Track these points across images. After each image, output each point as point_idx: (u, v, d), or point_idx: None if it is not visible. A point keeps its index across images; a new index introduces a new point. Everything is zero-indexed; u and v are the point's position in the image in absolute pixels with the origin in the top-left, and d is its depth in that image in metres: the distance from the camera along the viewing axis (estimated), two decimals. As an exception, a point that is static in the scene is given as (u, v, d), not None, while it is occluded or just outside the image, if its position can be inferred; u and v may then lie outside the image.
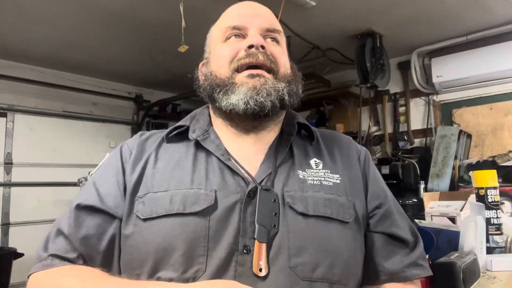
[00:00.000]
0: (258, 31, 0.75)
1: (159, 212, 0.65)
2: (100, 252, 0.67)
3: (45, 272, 0.65)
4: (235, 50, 0.74)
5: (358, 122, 3.51)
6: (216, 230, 0.63)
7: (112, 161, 0.76)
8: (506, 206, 1.48)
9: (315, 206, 0.67)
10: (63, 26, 2.66)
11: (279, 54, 0.76)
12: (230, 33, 0.76)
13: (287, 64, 0.78)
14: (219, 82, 0.73)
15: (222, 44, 0.77)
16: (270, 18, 0.79)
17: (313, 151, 0.77)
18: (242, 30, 0.76)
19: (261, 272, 0.60)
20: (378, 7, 2.51)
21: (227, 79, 0.73)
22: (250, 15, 0.77)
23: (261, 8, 0.80)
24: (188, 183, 0.68)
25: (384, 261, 0.70)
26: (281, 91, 0.72)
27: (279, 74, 0.74)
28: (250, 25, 0.75)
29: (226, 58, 0.74)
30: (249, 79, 0.71)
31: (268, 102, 0.70)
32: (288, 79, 0.75)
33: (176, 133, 0.78)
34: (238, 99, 0.70)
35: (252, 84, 0.70)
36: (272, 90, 0.71)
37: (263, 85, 0.70)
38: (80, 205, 0.70)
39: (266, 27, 0.76)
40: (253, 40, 0.73)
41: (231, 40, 0.76)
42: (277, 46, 0.77)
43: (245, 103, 0.69)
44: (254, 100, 0.69)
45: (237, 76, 0.72)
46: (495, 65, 2.83)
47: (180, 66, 3.40)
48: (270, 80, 0.72)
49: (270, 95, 0.70)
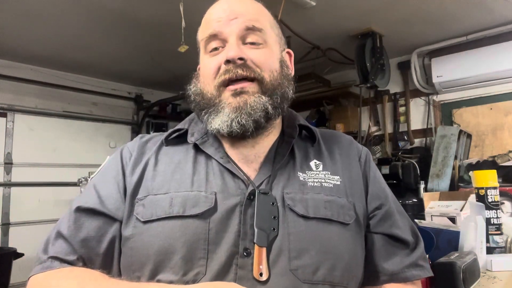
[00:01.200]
0: (237, 36, 0.71)
1: (159, 215, 0.65)
2: (100, 254, 0.67)
3: (45, 274, 0.65)
4: (216, 65, 0.71)
5: (358, 122, 3.51)
6: (216, 232, 0.63)
7: (112, 164, 0.76)
8: (506, 206, 1.48)
9: (315, 208, 0.67)
10: (63, 26, 2.66)
11: (262, 59, 0.71)
12: (210, 44, 0.73)
13: (272, 65, 0.73)
14: (206, 102, 0.72)
15: (205, 57, 0.75)
16: (250, 14, 0.73)
17: (313, 153, 0.76)
18: (219, 36, 0.72)
19: (262, 277, 0.60)
20: (378, 7, 2.51)
21: (213, 98, 0.71)
22: (226, 17, 0.72)
23: (239, 4, 0.74)
24: (188, 186, 0.68)
25: (384, 262, 0.70)
26: (264, 107, 0.69)
27: (264, 80, 0.71)
28: (227, 30, 0.71)
29: (210, 75, 0.72)
30: (232, 98, 0.69)
31: (250, 122, 0.68)
32: (274, 83, 0.72)
33: (176, 136, 0.77)
34: (221, 122, 0.69)
35: (234, 105, 0.68)
36: (252, 110, 0.68)
37: (244, 106, 0.68)
38: (80, 207, 0.70)
39: (244, 27, 0.71)
40: (228, 54, 0.69)
41: (212, 52, 0.73)
42: (260, 49, 0.72)
43: (227, 126, 0.68)
44: (237, 122, 0.68)
45: (222, 94, 0.70)
46: (495, 65, 2.83)
47: (180, 66, 3.40)
48: (251, 97, 0.69)
49: (251, 115, 0.68)
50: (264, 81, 0.71)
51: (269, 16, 0.77)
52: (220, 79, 0.70)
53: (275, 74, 0.73)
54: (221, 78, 0.70)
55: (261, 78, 0.70)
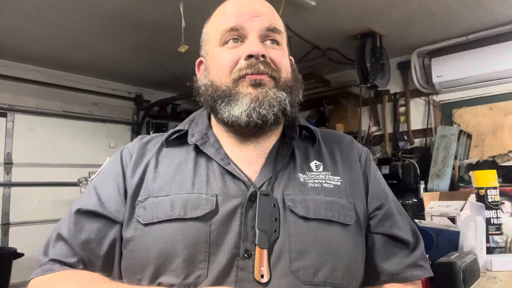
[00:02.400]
0: (258, 34, 0.71)
1: (160, 217, 0.65)
2: (101, 256, 0.67)
3: (45, 277, 0.64)
4: (234, 58, 0.70)
5: (358, 122, 3.52)
6: (217, 235, 0.63)
7: (112, 165, 0.76)
8: (506, 206, 1.48)
9: (316, 209, 0.66)
10: (63, 26, 2.66)
11: (280, 59, 0.72)
12: (228, 37, 0.72)
13: (288, 67, 0.74)
14: (221, 94, 0.71)
15: (220, 49, 0.73)
16: (270, 15, 0.74)
17: (313, 153, 0.76)
18: (240, 31, 0.71)
19: (263, 278, 0.60)
20: (378, 7, 2.51)
21: (229, 90, 0.70)
22: (248, 13, 0.72)
23: (261, 4, 0.75)
24: (189, 188, 0.68)
25: (384, 262, 0.70)
26: (283, 102, 0.70)
27: (280, 80, 0.71)
28: (249, 26, 0.71)
29: (226, 68, 0.70)
30: (252, 88, 0.68)
31: (271, 114, 0.68)
32: (289, 84, 0.72)
33: (176, 137, 0.77)
34: (241, 111, 0.68)
35: (255, 95, 0.68)
36: (274, 101, 0.68)
37: (265, 97, 0.68)
38: (80, 209, 0.69)
39: (266, 26, 0.71)
40: (252, 49, 0.69)
41: (229, 45, 0.72)
42: (278, 49, 0.73)
43: (247, 115, 0.67)
44: (257, 112, 0.67)
45: (240, 84, 0.69)
46: (495, 65, 2.84)
47: (180, 66, 3.40)
48: (272, 90, 0.69)
49: (273, 107, 0.68)
50: (281, 80, 0.71)
51: (281, 21, 0.78)
52: (241, 73, 0.69)
53: (289, 76, 0.74)
54: (242, 72, 0.69)
55: (279, 77, 0.71)
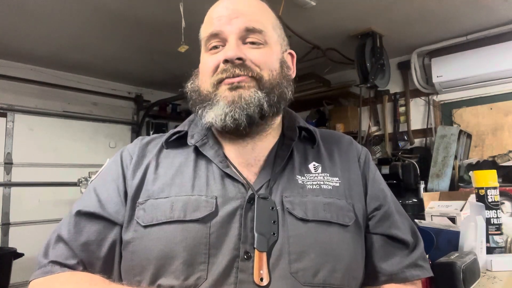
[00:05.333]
0: (237, 36, 0.70)
1: (160, 219, 0.65)
2: (101, 258, 0.67)
3: (45, 278, 0.64)
4: (215, 63, 0.71)
5: (358, 122, 3.52)
6: (217, 236, 0.63)
7: (113, 167, 0.76)
8: (506, 206, 1.48)
9: (314, 211, 0.66)
10: (63, 26, 2.66)
11: (261, 58, 0.71)
12: (210, 43, 0.73)
13: (272, 65, 0.73)
14: (202, 98, 0.72)
15: (205, 55, 0.74)
16: (251, 14, 0.73)
17: (312, 155, 0.76)
18: (220, 36, 0.71)
19: (262, 282, 0.60)
20: (378, 7, 2.51)
21: (209, 94, 0.71)
22: (227, 16, 0.71)
23: (241, 3, 0.74)
24: (189, 190, 0.68)
25: (383, 262, 0.70)
26: (259, 103, 0.68)
27: (262, 78, 0.70)
28: (227, 29, 0.71)
29: (207, 73, 0.72)
30: (228, 92, 0.69)
31: (243, 117, 0.67)
32: (273, 82, 0.71)
33: (176, 138, 0.77)
34: (214, 116, 0.69)
35: (230, 98, 0.68)
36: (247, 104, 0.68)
37: (239, 100, 0.68)
38: (80, 211, 0.69)
39: (244, 27, 0.71)
40: (227, 54, 0.69)
41: (212, 50, 0.73)
42: (259, 49, 0.72)
43: (221, 120, 0.68)
44: (230, 116, 0.67)
45: (219, 88, 0.70)
46: (495, 65, 2.83)
47: (180, 66, 3.40)
48: (249, 90, 0.69)
49: (244, 109, 0.67)
50: (263, 79, 0.70)
51: (272, 17, 0.77)
52: (217, 77, 0.70)
53: (274, 74, 0.72)
54: (218, 77, 0.70)
55: (260, 77, 0.70)
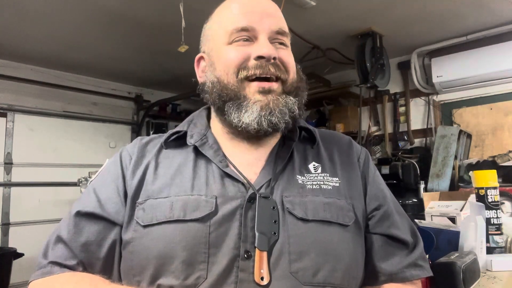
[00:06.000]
0: (267, 35, 0.71)
1: (160, 219, 0.65)
2: (100, 258, 0.67)
3: (44, 279, 0.64)
4: (243, 56, 0.70)
5: (358, 122, 3.52)
6: (216, 236, 0.63)
7: (112, 167, 0.76)
8: (506, 206, 1.48)
9: (314, 211, 0.66)
10: (63, 26, 2.66)
11: (289, 61, 0.73)
12: (237, 36, 0.71)
13: (294, 68, 0.75)
14: (230, 93, 0.70)
15: (228, 47, 0.72)
16: (279, 18, 0.75)
17: (312, 155, 0.76)
18: (251, 32, 0.71)
19: (263, 281, 0.60)
20: (378, 7, 2.51)
21: (237, 89, 0.70)
22: (258, 14, 0.72)
23: (269, 5, 0.75)
24: (188, 190, 0.68)
25: (383, 262, 0.70)
26: (293, 108, 0.70)
27: (288, 81, 0.72)
28: (259, 27, 0.70)
29: (234, 65, 0.70)
30: (261, 96, 0.69)
31: (282, 122, 0.69)
32: (295, 85, 0.73)
33: (175, 138, 0.77)
34: (251, 119, 0.68)
35: (265, 103, 0.68)
36: (285, 108, 0.69)
37: (276, 105, 0.68)
38: (80, 212, 0.69)
39: (276, 29, 0.72)
40: (264, 50, 0.69)
41: (239, 43, 0.71)
42: (286, 51, 0.74)
43: (258, 123, 0.68)
44: (268, 121, 0.68)
45: (247, 88, 0.69)
46: (495, 65, 2.83)
47: (180, 66, 3.40)
48: (281, 96, 0.70)
49: (285, 114, 0.69)
50: (288, 81, 0.72)
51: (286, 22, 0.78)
52: (250, 73, 0.69)
53: (296, 77, 0.75)
54: (250, 72, 0.69)
55: (286, 79, 0.72)
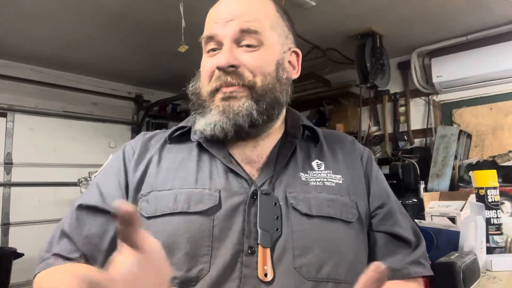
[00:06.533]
0: (231, 39, 0.70)
1: (164, 211, 0.66)
2: (103, 251, 0.67)
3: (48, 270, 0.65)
4: (211, 67, 0.71)
5: (358, 122, 3.52)
6: (220, 230, 0.63)
7: (115, 161, 0.77)
8: (506, 206, 1.48)
9: (318, 207, 0.67)
10: (63, 26, 2.66)
11: (255, 63, 0.70)
12: (208, 45, 0.73)
13: (266, 69, 0.71)
14: (200, 103, 0.73)
15: (204, 57, 0.75)
16: (247, 15, 0.71)
17: (315, 153, 0.77)
18: (216, 39, 0.71)
19: (267, 277, 0.60)
20: (378, 7, 2.51)
21: (206, 100, 0.72)
22: (223, 19, 0.71)
23: (237, 4, 0.73)
24: (192, 183, 0.69)
25: (386, 259, 0.70)
26: (247, 112, 0.69)
27: (255, 85, 0.70)
28: (222, 33, 0.70)
29: (205, 76, 0.73)
30: (220, 101, 0.70)
31: (229, 127, 0.69)
32: (266, 88, 0.71)
33: (179, 134, 0.78)
34: (205, 124, 0.70)
35: (221, 108, 0.69)
36: (237, 113, 0.68)
37: (228, 110, 0.69)
38: (82, 205, 0.70)
39: (239, 29, 0.70)
40: (219, 61, 0.69)
41: (209, 53, 0.73)
42: (254, 52, 0.70)
43: (211, 129, 0.69)
44: (219, 126, 0.69)
45: (216, 96, 0.71)
46: (495, 65, 2.83)
47: (180, 66, 3.40)
48: (240, 101, 0.69)
49: (232, 119, 0.68)
50: (256, 86, 0.70)
51: (272, 15, 0.75)
52: (213, 86, 0.71)
53: (268, 79, 0.71)
54: (213, 85, 0.71)
55: (252, 85, 0.70)
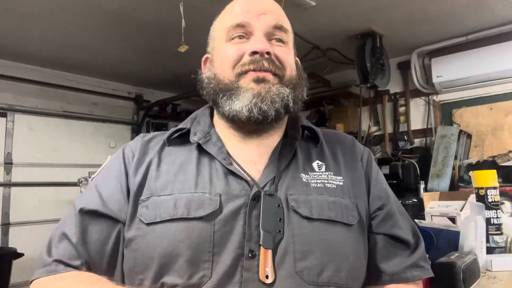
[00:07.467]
0: (264, 31, 0.72)
1: (163, 217, 0.64)
2: (105, 257, 0.66)
3: (49, 278, 0.64)
4: (239, 53, 0.71)
5: (358, 122, 3.52)
6: (221, 234, 0.62)
7: (115, 163, 0.75)
8: (506, 206, 1.48)
9: (319, 210, 0.66)
10: (63, 26, 2.66)
11: (285, 56, 0.73)
12: (234, 33, 0.73)
13: (293, 65, 0.75)
14: (223, 87, 0.72)
15: (226, 45, 0.74)
16: (277, 14, 0.75)
17: (315, 154, 0.76)
18: (247, 28, 0.72)
19: (268, 279, 0.59)
20: (378, 7, 2.51)
21: (231, 83, 0.71)
22: (255, 11, 0.73)
23: (268, 2, 0.76)
24: (192, 187, 0.67)
25: (385, 262, 0.70)
26: (286, 98, 0.70)
27: (284, 77, 0.72)
28: (255, 23, 0.72)
29: (230, 62, 0.72)
30: (254, 84, 0.69)
31: (272, 110, 0.68)
32: (293, 82, 0.73)
33: (178, 135, 0.77)
34: (241, 106, 0.68)
35: (257, 90, 0.68)
36: (276, 97, 0.69)
37: (267, 92, 0.68)
38: (83, 209, 0.68)
39: (273, 24, 0.72)
40: (257, 46, 0.69)
41: (235, 40, 0.73)
42: (283, 47, 0.74)
43: (248, 111, 0.68)
44: (258, 108, 0.68)
45: (242, 79, 0.70)
46: (495, 65, 2.83)
47: (180, 66, 3.40)
48: (274, 86, 0.70)
49: (275, 102, 0.69)
50: (285, 77, 0.72)
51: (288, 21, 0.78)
52: (244, 68, 0.70)
53: (293, 73, 0.75)
54: (244, 68, 0.70)
55: (283, 75, 0.72)
